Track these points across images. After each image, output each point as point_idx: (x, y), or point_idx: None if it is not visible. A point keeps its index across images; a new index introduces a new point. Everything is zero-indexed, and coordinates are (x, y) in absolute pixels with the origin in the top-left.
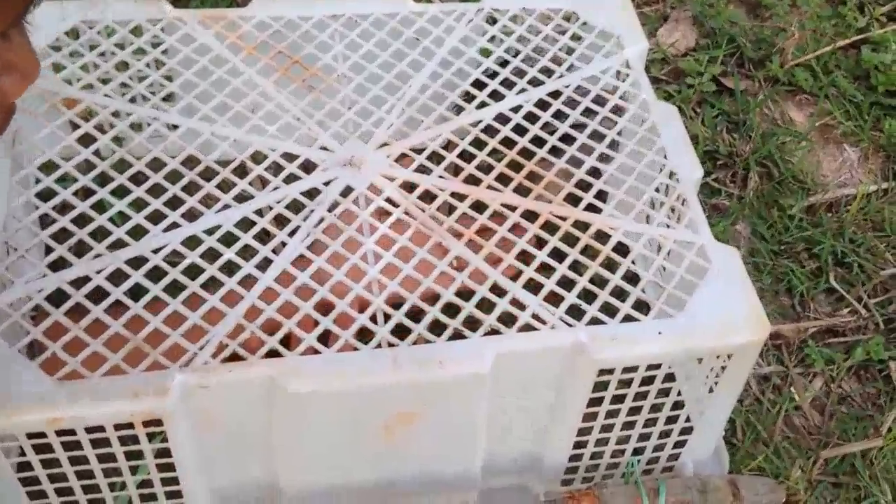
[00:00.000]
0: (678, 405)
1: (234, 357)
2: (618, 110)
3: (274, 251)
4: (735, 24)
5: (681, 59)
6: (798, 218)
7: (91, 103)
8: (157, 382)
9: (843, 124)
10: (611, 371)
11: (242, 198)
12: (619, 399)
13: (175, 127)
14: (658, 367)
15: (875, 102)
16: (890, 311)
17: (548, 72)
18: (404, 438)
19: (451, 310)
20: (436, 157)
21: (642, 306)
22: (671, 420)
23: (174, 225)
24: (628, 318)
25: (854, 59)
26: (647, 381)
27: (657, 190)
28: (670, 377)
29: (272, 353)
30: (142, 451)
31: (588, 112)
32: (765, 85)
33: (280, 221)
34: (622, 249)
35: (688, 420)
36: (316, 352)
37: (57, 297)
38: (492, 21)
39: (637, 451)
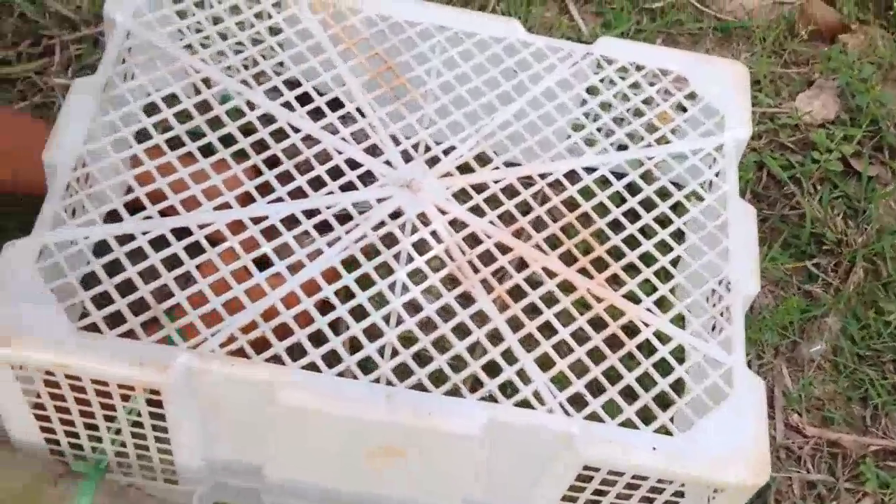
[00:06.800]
0: None
1: (241, 352)
2: (694, 198)
3: (309, 256)
4: (883, 106)
5: (814, 130)
6: (895, 326)
7: (186, 65)
8: (163, 357)
9: None
10: (596, 469)
11: (296, 194)
12: (601, 493)
13: (255, 106)
14: (646, 478)
15: None
16: None
17: (636, 137)
18: (385, 470)
19: (459, 363)
20: (494, 201)
21: (648, 413)
22: None
23: (225, 205)
24: (628, 423)
25: None
26: (634, 485)
27: (703, 296)
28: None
29: (275, 358)
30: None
31: (662, 192)
32: None
33: (324, 228)
34: (649, 348)
35: None
36: (317, 369)
37: (101, 249)
38: (597, 69)
39: None
